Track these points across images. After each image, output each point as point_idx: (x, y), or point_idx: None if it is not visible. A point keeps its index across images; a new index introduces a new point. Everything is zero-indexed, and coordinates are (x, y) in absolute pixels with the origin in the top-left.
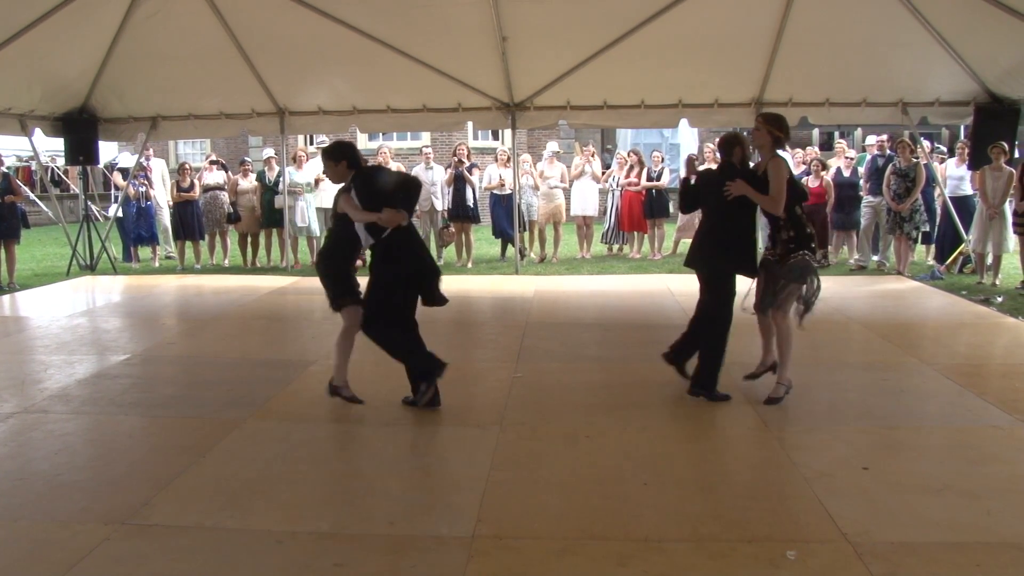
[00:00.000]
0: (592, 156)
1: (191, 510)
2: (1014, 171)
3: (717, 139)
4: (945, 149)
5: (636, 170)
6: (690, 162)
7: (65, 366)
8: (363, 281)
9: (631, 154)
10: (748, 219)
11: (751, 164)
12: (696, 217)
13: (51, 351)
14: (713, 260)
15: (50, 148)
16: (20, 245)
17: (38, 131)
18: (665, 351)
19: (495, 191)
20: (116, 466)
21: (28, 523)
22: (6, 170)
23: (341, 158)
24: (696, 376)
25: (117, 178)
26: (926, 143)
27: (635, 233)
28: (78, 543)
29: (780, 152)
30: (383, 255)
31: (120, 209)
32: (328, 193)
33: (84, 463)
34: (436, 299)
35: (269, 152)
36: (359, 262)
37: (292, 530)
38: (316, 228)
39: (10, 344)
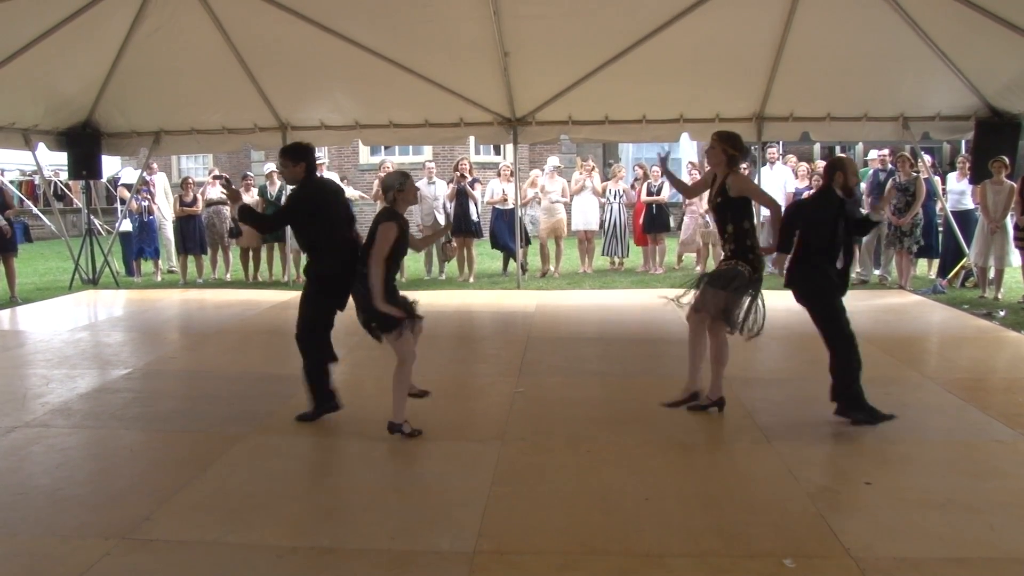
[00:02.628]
0: (592, 171)
1: (192, 525)
2: (1015, 185)
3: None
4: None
5: (640, 184)
6: (662, 162)
7: (67, 380)
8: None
9: (637, 167)
10: (816, 237)
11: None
12: (696, 232)
13: (53, 365)
14: (797, 284)
15: (53, 162)
16: (23, 259)
17: (41, 145)
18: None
19: (497, 205)
20: (117, 480)
21: (28, 538)
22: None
23: (300, 160)
24: (833, 394)
25: (123, 192)
26: (927, 157)
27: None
28: (78, 558)
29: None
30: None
31: (123, 223)
32: None
33: (85, 477)
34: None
35: (271, 167)
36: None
37: (293, 545)
38: None
39: (12, 358)
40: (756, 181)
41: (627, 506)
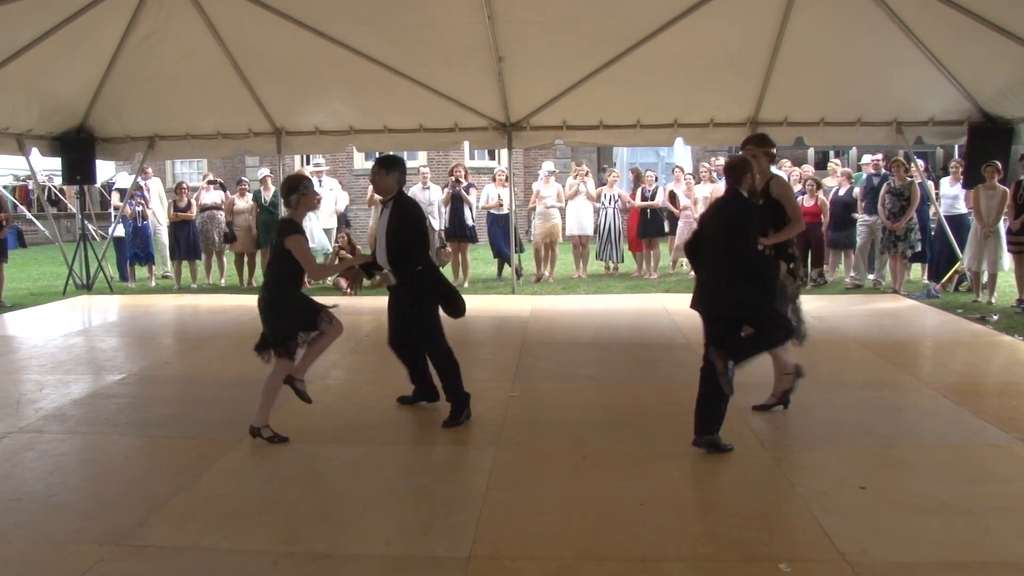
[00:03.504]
0: (586, 176)
1: (186, 531)
2: (1008, 190)
3: (723, 164)
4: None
5: (632, 188)
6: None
7: (60, 385)
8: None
9: (631, 172)
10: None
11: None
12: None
13: (47, 370)
14: (731, 304)
15: (47, 167)
16: (17, 264)
17: (35, 150)
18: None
19: (492, 210)
20: (111, 486)
21: (21, 544)
22: None
23: (394, 169)
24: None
25: (115, 198)
26: (920, 162)
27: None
28: (72, 565)
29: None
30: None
31: (117, 228)
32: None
33: (79, 483)
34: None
35: (265, 172)
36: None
37: (288, 551)
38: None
39: (5, 363)
40: None
41: (623, 511)
